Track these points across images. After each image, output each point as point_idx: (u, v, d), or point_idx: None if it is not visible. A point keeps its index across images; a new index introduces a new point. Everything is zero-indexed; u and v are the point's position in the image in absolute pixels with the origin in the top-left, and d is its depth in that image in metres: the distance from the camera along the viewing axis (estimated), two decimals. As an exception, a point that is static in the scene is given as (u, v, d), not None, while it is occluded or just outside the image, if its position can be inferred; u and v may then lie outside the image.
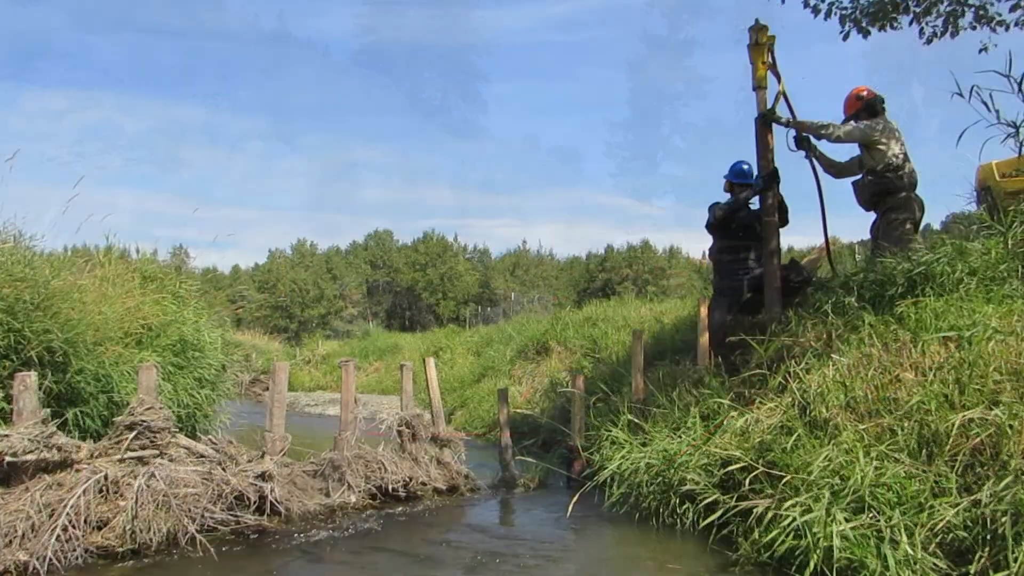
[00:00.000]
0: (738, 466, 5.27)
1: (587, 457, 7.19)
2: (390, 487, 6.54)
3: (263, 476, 5.64)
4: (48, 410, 5.39)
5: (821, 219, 8.02)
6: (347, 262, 58.87)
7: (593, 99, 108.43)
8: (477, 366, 16.55)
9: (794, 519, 4.47)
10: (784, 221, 7.87)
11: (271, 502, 5.61)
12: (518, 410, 11.18)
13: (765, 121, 7.67)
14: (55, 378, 6.39)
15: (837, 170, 7.81)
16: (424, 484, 6.82)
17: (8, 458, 4.80)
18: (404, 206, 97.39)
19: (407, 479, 6.66)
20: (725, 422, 6.01)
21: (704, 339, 7.67)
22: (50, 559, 4.53)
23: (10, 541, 4.52)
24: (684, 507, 5.71)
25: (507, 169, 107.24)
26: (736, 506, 5.07)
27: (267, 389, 22.05)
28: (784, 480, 4.85)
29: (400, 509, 6.49)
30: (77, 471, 5.08)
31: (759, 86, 7.72)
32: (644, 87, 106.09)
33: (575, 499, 6.31)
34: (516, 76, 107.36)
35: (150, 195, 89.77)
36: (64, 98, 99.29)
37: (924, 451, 4.65)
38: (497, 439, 9.73)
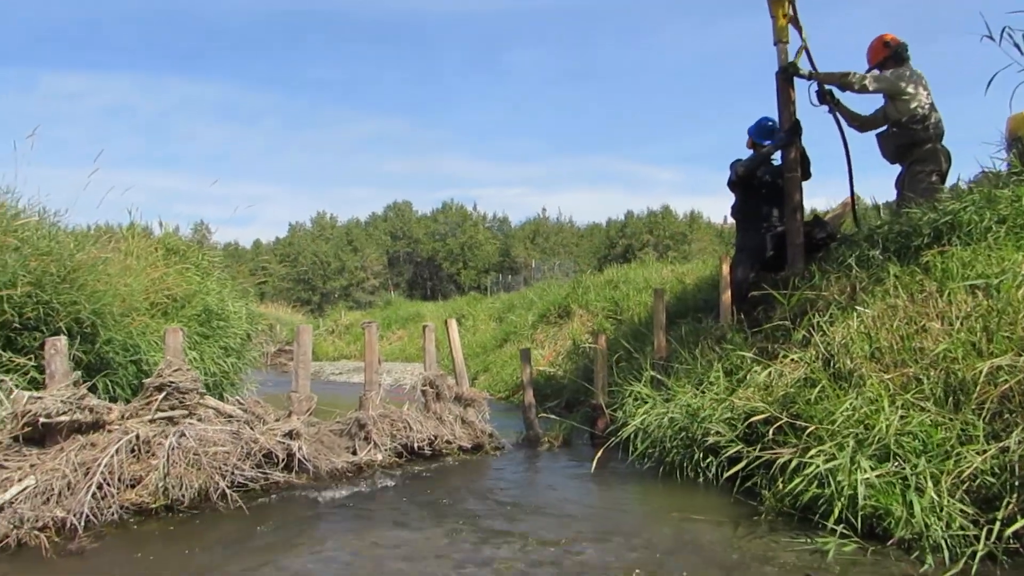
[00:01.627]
0: (761, 417, 5.28)
1: (610, 414, 7.23)
2: (415, 445, 6.62)
3: (291, 434, 5.73)
4: (79, 373, 5.48)
5: (847, 173, 7.92)
6: (367, 234, 59.06)
7: (614, 64, 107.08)
8: (499, 332, 16.62)
9: (818, 467, 4.48)
10: (807, 175, 7.77)
11: (299, 460, 5.69)
12: (541, 367, 11.26)
13: (786, 75, 7.56)
14: (84, 348, 6.51)
15: (861, 123, 7.69)
16: (449, 442, 6.89)
17: (43, 419, 4.90)
18: (422, 177, 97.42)
19: (432, 437, 6.73)
20: (748, 376, 6.02)
21: (726, 296, 7.64)
22: (87, 516, 4.63)
23: (48, 499, 4.62)
24: (707, 461, 5.75)
25: (527, 137, 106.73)
26: (760, 457, 5.08)
27: (292, 359, 22.35)
28: (808, 431, 4.85)
29: (425, 466, 6.57)
30: (109, 432, 5.17)
31: (779, 40, 7.60)
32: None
33: (599, 454, 6.36)
34: (539, 43, 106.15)
35: (169, 173, 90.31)
36: (81, 80, 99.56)
37: (951, 399, 4.63)
38: (520, 401, 9.80)
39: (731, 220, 9.08)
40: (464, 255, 56.09)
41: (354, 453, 6.27)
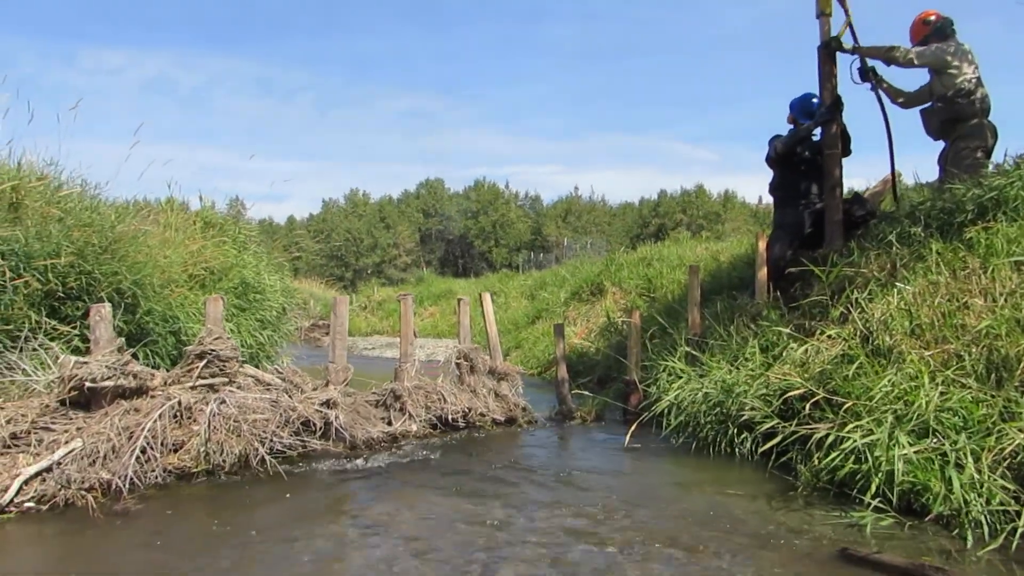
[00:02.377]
0: (798, 392, 5.24)
1: (644, 390, 7.23)
2: (450, 417, 6.68)
3: (328, 403, 5.81)
4: (122, 339, 5.59)
5: (888, 151, 7.79)
6: (400, 211, 59.29)
7: (644, 41, 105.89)
8: (531, 309, 16.64)
9: (855, 442, 4.45)
10: (847, 151, 7.65)
11: (336, 428, 5.78)
12: (575, 341, 11.27)
13: (829, 50, 7.43)
14: (125, 318, 6.64)
15: (906, 99, 7.54)
16: (483, 415, 6.94)
17: (88, 384, 5.02)
18: (455, 154, 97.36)
19: (466, 410, 6.79)
20: (784, 352, 5.98)
21: (762, 273, 7.57)
22: (131, 478, 4.75)
23: (93, 461, 4.74)
24: (742, 436, 5.74)
25: (561, 115, 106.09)
26: (796, 432, 5.06)
27: (326, 334, 22.59)
28: (845, 407, 4.81)
29: (459, 438, 6.63)
30: (152, 397, 5.29)
31: (823, 12, 7.46)
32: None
33: (632, 428, 6.37)
34: (576, 18, 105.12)
35: (206, 148, 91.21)
36: (121, 55, 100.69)
37: (993, 376, 4.57)
38: (552, 377, 9.83)
39: (766, 199, 9.01)
40: (496, 233, 56.11)
41: (389, 423, 6.34)
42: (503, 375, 7.39)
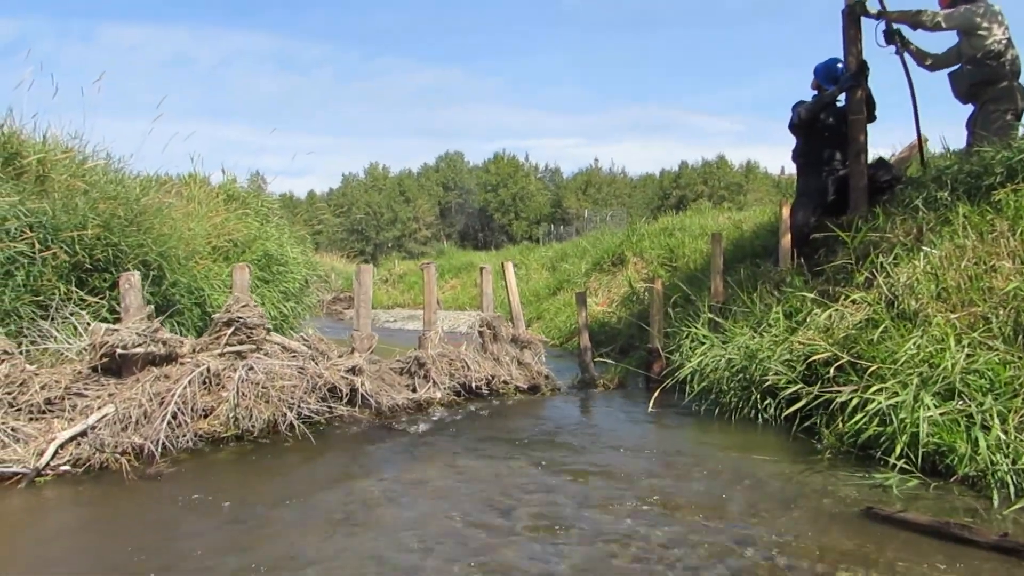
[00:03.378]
0: (822, 357, 5.23)
1: (666, 357, 7.25)
2: (473, 385, 6.73)
3: (353, 370, 5.88)
4: (152, 307, 5.68)
5: (913, 116, 7.67)
6: (419, 184, 59.26)
7: (664, 11, 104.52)
8: (552, 280, 16.63)
9: (880, 404, 4.44)
10: (871, 117, 7.55)
11: (361, 395, 5.85)
12: (597, 310, 11.28)
13: (853, 14, 7.31)
14: (151, 290, 6.73)
15: (933, 62, 7.41)
16: (506, 383, 6.99)
17: (119, 351, 5.11)
18: (474, 127, 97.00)
19: (489, 377, 6.84)
20: (808, 318, 5.96)
21: (786, 240, 7.52)
22: (163, 443, 4.84)
23: (126, 426, 4.84)
24: (765, 402, 5.74)
25: (581, 86, 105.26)
26: (819, 396, 5.06)
27: (348, 307, 22.72)
28: (869, 370, 4.80)
29: (483, 405, 6.69)
30: (181, 364, 5.37)
31: (847, -25, 7.33)
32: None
33: (656, 394, 6.39)
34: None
35: (225, 124, 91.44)
36: (140, 31, 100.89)
37: (1020, 338, 4.54)
38: (575, 347, 9.85)
39: (789, 170, 8.93)
40: (516, 206, 55.99)
41: (414, 391, 6.40)
42: (526, 343, 7.43)
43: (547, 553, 3.24)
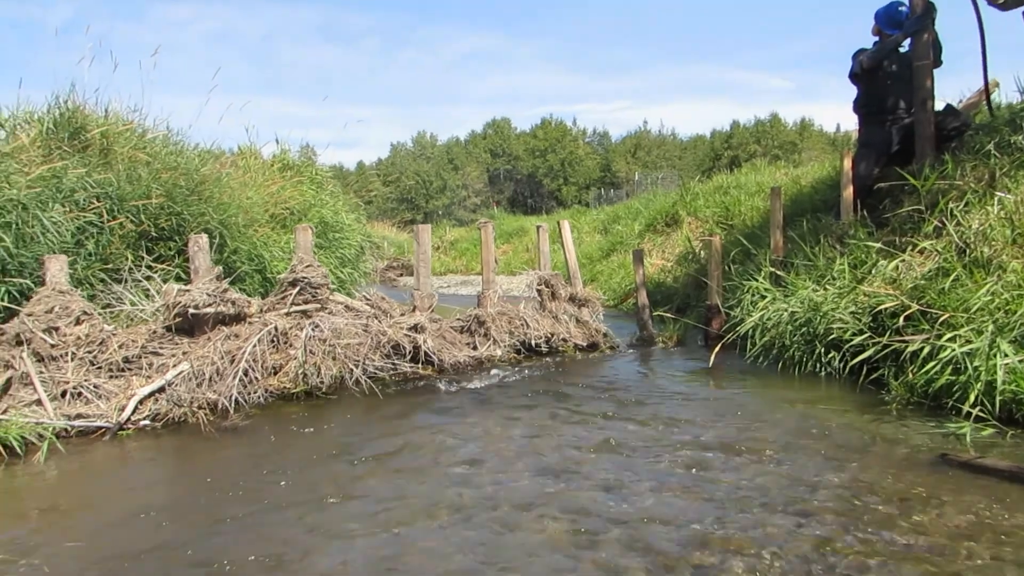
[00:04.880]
0: (890, 305, 5.13)
1: (726, 313, 7.18)
2: (533, 342, 6.77)
3: (416, 328, 5.96)
4: (220, 268, 5.82)
5: (982, 60, 7.38)
6: (467, 152, 59.16)
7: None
8: (604, 243, 16.54)
9: (954, 352, 4.35)
10: (938, 62, 7.29)
11: (424, 352, 5.94)
12: (653, 268, 11.20)
13: (919, -48, 7.04)
14: (214, 258, 6.90)
15: (1004, 1, 7.11)
16: (565, 340, 7.02)
17: (191, 310, 5.26)
18: (521, 93, 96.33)
19: (548, 335, 6.87)
20: (874, 269, 5.84)
21: (848, 192, 7.35)
22: (236, 398, 5.00)
23: (200, 383, 5.00)
24: (829, 355, 5.67)
25: (628, 47, 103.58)
26: (888, 347, 4.97)
27: (401, 275, 22.90)
28: (940, 319, 4.70)
29: (542, 362, 6.73)
30: (250, 323, 5.51)
31: (910, -87, 7.05)
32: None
33: (717, 349, 6.35)
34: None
35: (273, 97, 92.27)
36: (187, 8, 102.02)
37: (1101, 282, 4.39)
38: (630, 307, 9.83)
39: (845, 127, 8.70)
40: (564, 171, 55.62)
41: (474, 348, 6.47)
42: (584, 301, 7.43)
43: (616, 498, 3.27)
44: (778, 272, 6.81)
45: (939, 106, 7.31)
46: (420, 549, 2.80)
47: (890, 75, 7.45)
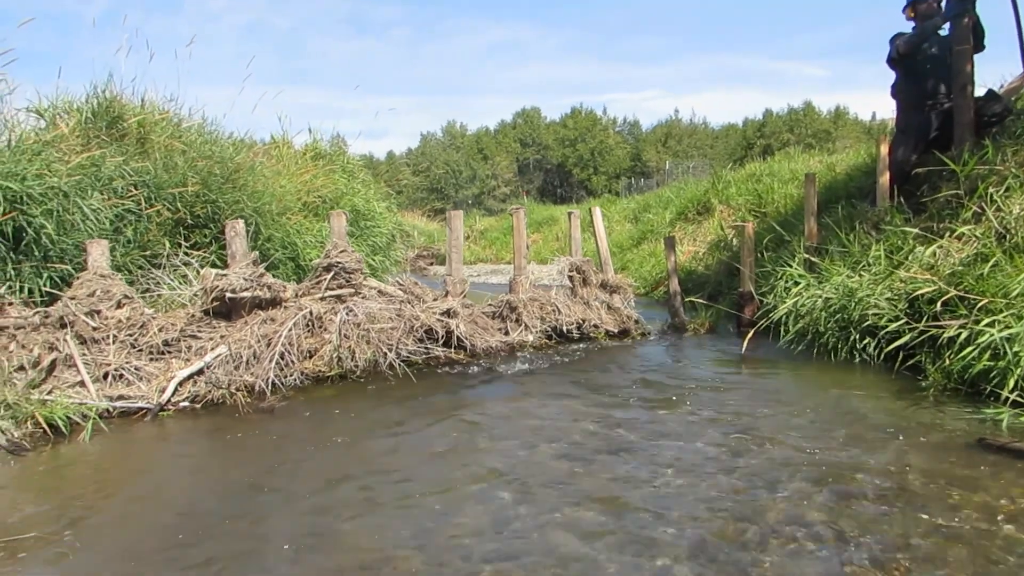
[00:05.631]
0: (926, 293, 5.07)
1: (759, 300, 7.14)
2: (564, 328, 6.78)
3: (448, 313, 6.00)
4: (257, 253, 5.90)
5: (1019, 43, 7.24)
6: (497, 141, 59.12)
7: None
8: (635, 232, 16.49)
9: (993, 337, 4.29)
10: (979, 46, 7.15)
11: (457, 337, 5.98)
12: (684, 256, 11.15)
13: (959, -68, 6.90)
14: (248, 245, 7.00)
15: None
16: (596, 326, 7.02)
17: (228, 295, 5.35)
18: (551, 82, 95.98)
19: (580, 321, 6.88)
20: (910, 256, 5.78)
21: (885, 179, 7.26)
22: (272, 380, 5.08)
23: (238, 365, 5.09)
24: (864, 341, 5.63)
25: (659, 35, 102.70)
26: (924, 332, 4.92)
27: (431, 263, 22.99)
28: (979, 304, 4.64)
29: (574, 348, 6.74)
30: (285, 308, 5.59)
31: None
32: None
33: (750, 335, 6.33)
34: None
35: (303, 90, 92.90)
36: (219, 1, 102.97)
37: None
38: (661, 296, 9.80)
39: (880, 115, 8.58)
40: (594, 160, 55.39)
41: (506, 334, 6.50)
42: (615, 288, 7.42)
43: (649, 479, 3.28)
44: (812, 259, 6.76)
45: (980, 91, 7.19)
46: (454, 525, 2.84)
47: (929, 59, 7.33)
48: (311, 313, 5.51)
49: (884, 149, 7.37)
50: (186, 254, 6.65)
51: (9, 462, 3.85)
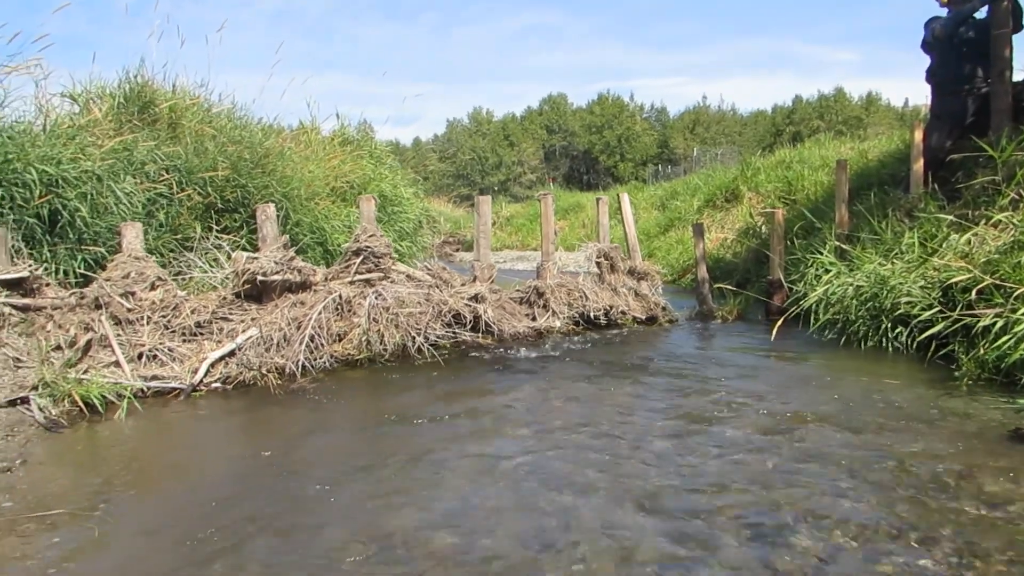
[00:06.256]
0: (962, 279, 4.99)
1: (788, 287, 7.08)
2: (591, 314, 6.77)
3: (476, 298, 6.02)
4: (287, 236, 5.95)
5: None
6: (523, 128, 58.94)
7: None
8: (662, 219, 16.40)
9: (1029, 326, 4.23)
10: (1018, 28, 7.01)
11: (484, 322, 5.99)
12: (712, 243, 11.07)
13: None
14: (278, 230, 7.05)
15: None
16: (623, 313, 7.01)
17: (260, 277, 5.40)
18: (578, 69, 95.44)
19: (607, 307, 6.86)
20: (945, 243, 5.70)
21: (919, 166, 7.16)
22: (302, 363, 5.13)
23: (268, 347, 5.14)
24: (896, 330, 5.56)
25: (687, 20, 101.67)
26: (959, 320, 4.85)
27: (457, 249, 23.02)
28: (1015, 293, 4.56)
29: (601, 334, 6.73)
30: (315, 291, 5.64)
31: None
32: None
33: (779, 323, 6.27)
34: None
35: (332, 75, 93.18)
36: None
37: None
38: (688, 284, 9.75)
39: (914, 101, 8.44)
40: (621, 147, 55.04)
41: (533, 319, 6.51)
42: (643, 275, 7.40)
43: (678, 464, 3.28)
44: (843, 246, 6.68)
45: (1019, 76, 7.05)
46: (485, 508, 2.86)
47: (966, 43, 7.20)
48: (340, 297, 5.55)
49: (918, 135, 7.27)
50: (217, 238, 6.73)
51: (47, 439, 3.92)
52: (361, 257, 5.80)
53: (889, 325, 5.63)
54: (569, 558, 2.42)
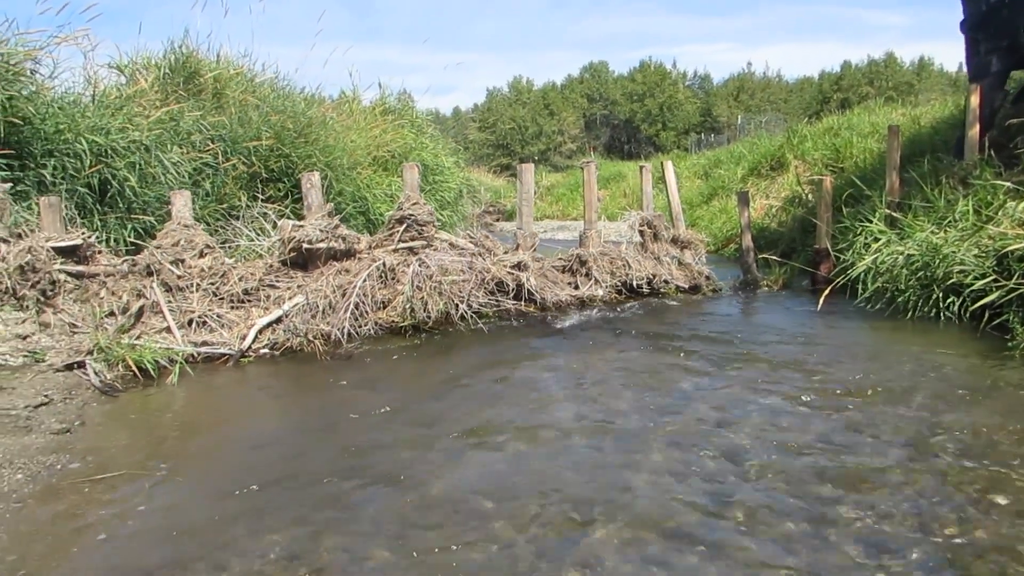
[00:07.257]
0: (1018, 247, 4.86)
1: (836, 256, 6.95)
2: (634, 283, 6.73)
3: (519, 266, 6.01)
4: (332, 205, 5.99)
5: None
6: (564, 97, 58.38)
7: None
8: (705, 188, 16.17)
9: (1090, 295, 4.10)
10: None
11: (527, 290, 5.99)
12: (756, 213, 10.91)
13: None
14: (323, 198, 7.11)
15: None
16: (667, 282, 6.95)
17: (305, 245, 5.46)
18: (620, 36, 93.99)
19: (650, 276, 6.81)
20: (1001, 211, 5.54)
21: (974, 131, 6.94)
22: (347, 330, 5.19)
23: (314, 315, 5.21)
24: (948, 299, 5.44)
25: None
26: (1015, 289, 4.73)
27: (497, 219, 22.98)
28: (1076, 261, 4.43)
29: (644, 303, 6.69)
30: (359, 259, 5.68)
31: None
32: None
33: (826, 292, 6.18)
34: None
35: (372, 47, 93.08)
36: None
37: None
38: (731, 253, 9.62)
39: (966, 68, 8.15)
40: (663, 116, 54.22)
41: (576, 288, 6.49)
42: (686, 243, 7.32)
43: (724, 431, 3.27)
44: (894, 214, 6.53)
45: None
46: (531, 471, 2.88)
47: None
48: (384, 264, 5.58)
49: (975, 100, 7.04)
50: (262, 207, 6.81)
51: (103, 402, 4.04)
52: (404, 225, 5.83)
53: (940, 295, 5.51)
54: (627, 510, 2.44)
